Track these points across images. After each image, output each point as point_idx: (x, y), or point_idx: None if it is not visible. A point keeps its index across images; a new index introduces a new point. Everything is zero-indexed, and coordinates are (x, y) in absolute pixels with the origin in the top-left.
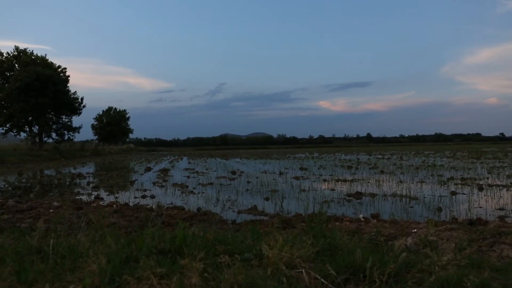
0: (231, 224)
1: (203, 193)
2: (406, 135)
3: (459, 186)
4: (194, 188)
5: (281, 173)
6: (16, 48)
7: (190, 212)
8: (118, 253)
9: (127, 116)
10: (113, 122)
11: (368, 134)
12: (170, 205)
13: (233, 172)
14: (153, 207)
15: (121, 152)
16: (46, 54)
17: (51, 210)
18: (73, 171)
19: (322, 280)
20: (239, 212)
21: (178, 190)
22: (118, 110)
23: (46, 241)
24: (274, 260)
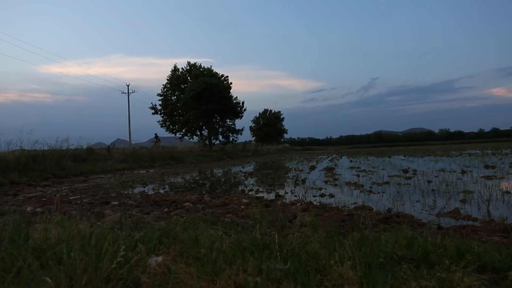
0: (437, 229)
1: (383, 192)
2: None
3: None
4: (370, 187)
5: (463, 172)
6: (188, 63)
7: (382, 213)
8: (359, 257)
9: (281, 117)
10: (269, 124)
11: None
12: (355, 205)
13: (405, 171)
14: (338, 206)
15: (278, 152)
16: (211, 66)
17: (242, 206)
18: (242, 169)
19: None
20: (438, 215)
21: (355, 189)
22: (273, 111)
23: (268, 237)
24: None
